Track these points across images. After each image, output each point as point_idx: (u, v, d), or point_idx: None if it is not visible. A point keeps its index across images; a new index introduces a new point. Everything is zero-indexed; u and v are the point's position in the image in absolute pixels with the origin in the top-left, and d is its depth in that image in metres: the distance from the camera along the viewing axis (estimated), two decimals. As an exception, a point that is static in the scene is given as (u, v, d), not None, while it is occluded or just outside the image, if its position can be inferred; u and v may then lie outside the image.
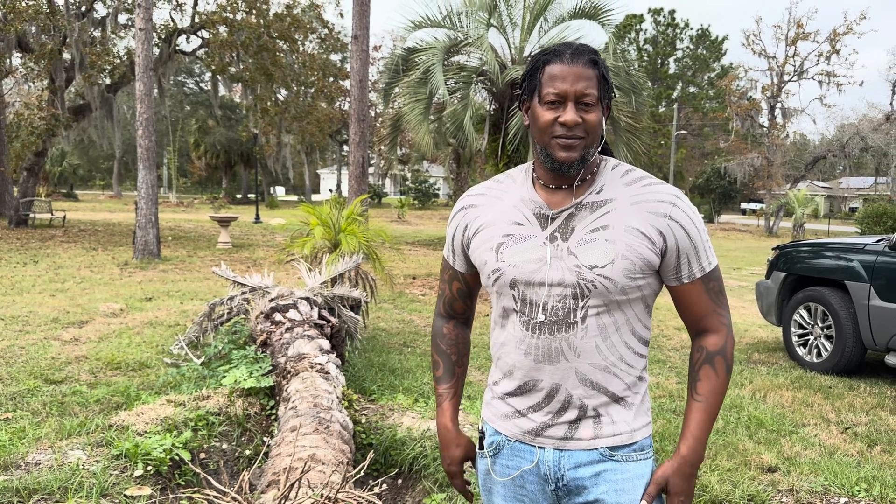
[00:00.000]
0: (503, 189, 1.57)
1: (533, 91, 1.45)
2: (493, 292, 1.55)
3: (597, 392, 1.47)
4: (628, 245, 1.42)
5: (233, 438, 3.82)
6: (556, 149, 1.41)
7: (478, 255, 1.55)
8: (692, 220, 1.46)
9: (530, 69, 1.46)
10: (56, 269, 11.96)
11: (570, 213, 1.47)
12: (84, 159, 54.22)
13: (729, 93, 37.72)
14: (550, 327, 1.45)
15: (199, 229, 21.96)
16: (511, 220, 1.51)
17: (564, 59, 1.40)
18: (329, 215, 6.48)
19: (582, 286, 1.42)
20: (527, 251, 1.47)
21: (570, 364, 1.46)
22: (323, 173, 63.25)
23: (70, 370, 5.40)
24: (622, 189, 1.47)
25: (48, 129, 18.76)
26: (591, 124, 1.40)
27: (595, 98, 1.40)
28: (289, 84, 22.37)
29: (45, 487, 2.96)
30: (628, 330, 1.48)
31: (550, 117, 1.41)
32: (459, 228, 1.62)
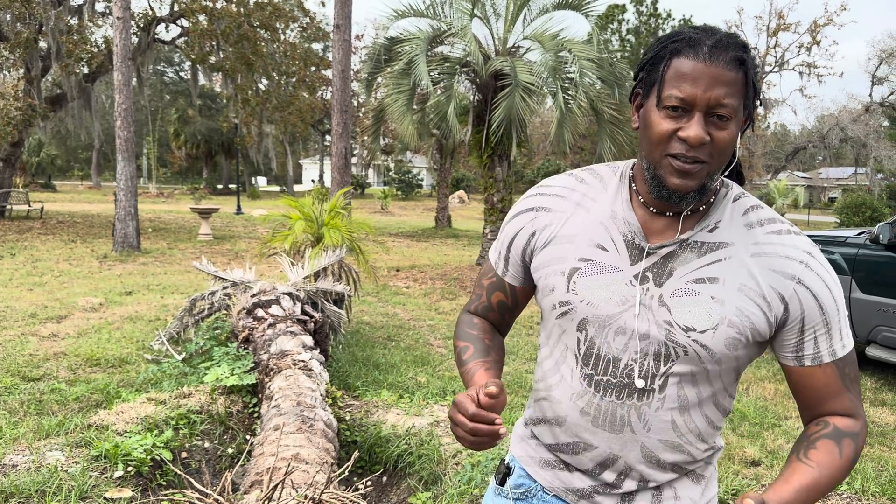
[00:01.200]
0: (588, 194, 1.23)
1: (651, 87, 1.10)
2: (551, 322, 1.25)
3: (662, 470, 1.20)
4: (739, 309, 1.10)
5: (215, 437, 3.78)
6: (669, 172, 1.07)
7: (543, 276, 1.22)
8: (829, 287, 1.12)
9: (652, 58, 1.12)
10: (34, 263, 11.79)
11: (672, 251, 1.13)
12: (62, 149, 53.46)
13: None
14: (619, 390, 1.15)
15: (179, 221, 21.74)
16: (594, 240, 1.18)
17: (700, 54, 1.04)
18: (311, 209, 6.42)
19: (669, 348, 1.12)
20: (608, 287, 1.15)
21: (635, 437, 1.16)
22: (305, 163, 62.88)
23: (48, 367, 5.31)
24: (742, 232, 1.14)
25: (24, 120, 18.43)
26: (721, 145, 1.06)
27: (733, 111, 1.05)
28: (270, 74, 22.14)
29: (22, 490, 2.90)
30: (712, 403, 1.18)
31: (668, 129, 1.06)
32: (524, 234, 1.26)
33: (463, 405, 1.08)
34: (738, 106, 1.06)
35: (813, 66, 34.23)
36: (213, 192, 45.57)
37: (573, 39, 10.64)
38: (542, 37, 10.77)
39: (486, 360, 1.27)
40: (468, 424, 1.06)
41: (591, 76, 10.67)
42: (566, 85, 10.61)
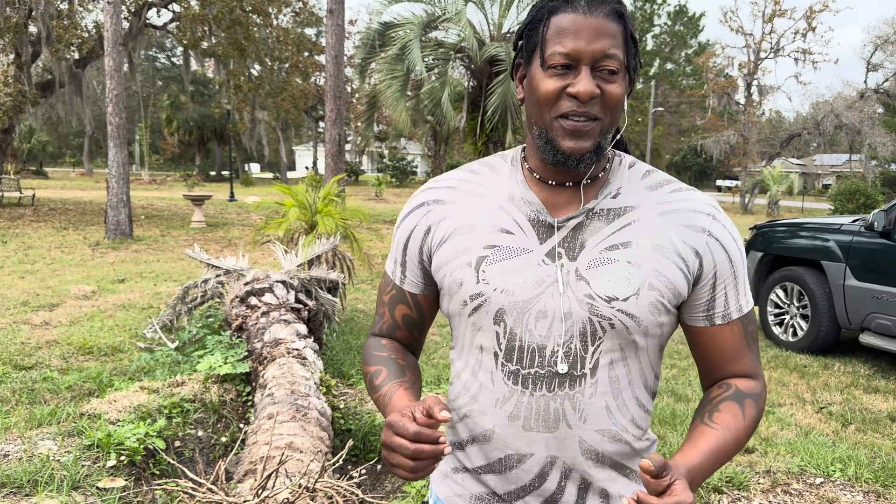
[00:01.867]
0: (482, 182, 1.16)
1: (532, 52, 1.05)
2: (463, 324, 1.14)
3: (603, 466, 1.11)
4: (657, 270, 1.06)
5: (208, 426, 3.76)
6: (561, 134, 1.02)
7: (447, 273, 1.12)
8: (734, 239, 1.11)
9: (529, 22, 1.07)
10: (25, 250, 11.71)
11: (580, 222, 1.08)
12: (53, 136, 53.08)
13: (706, 70, 37.83)
14: (549, 381, 1.06)
15: (172, 208, 21.64)
16: (496, 225, 1.10)
17: (578, 8, 1.00)
18: (305, 196, 6.38)
19: (595, 324, 1.05)
20: (521, 271, 1.07)
21: (572, 432, 1.07)
22: (299, 150, 62.60)
23: (41, 355, 5.28)
24: (645, 194, 1.11)
25: (15, 106, 18.26)
26: (612, 99, 1.01)
27: (620, 63, 1.01)
28: (262, 59, 21.98)
29: (14, 480, 2.88)
30: (640, 382, 1.12)
31: (556, 87, 1.01)
32: (418, 232, 1.17)
33: (400, 425, 0.95)
34: (623, 59, 1.03)
35: (808, 52, 34.18)
36: (206, 179, 45.36)
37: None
38: (536, 22, 10.71)
39: (402, 380, 1.15)
40: (409, 447, 0.93)
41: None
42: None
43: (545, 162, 1.09)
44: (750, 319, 1.15)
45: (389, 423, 0.97)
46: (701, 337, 1.14)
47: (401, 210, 1.24)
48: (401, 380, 1.15)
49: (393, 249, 1.24)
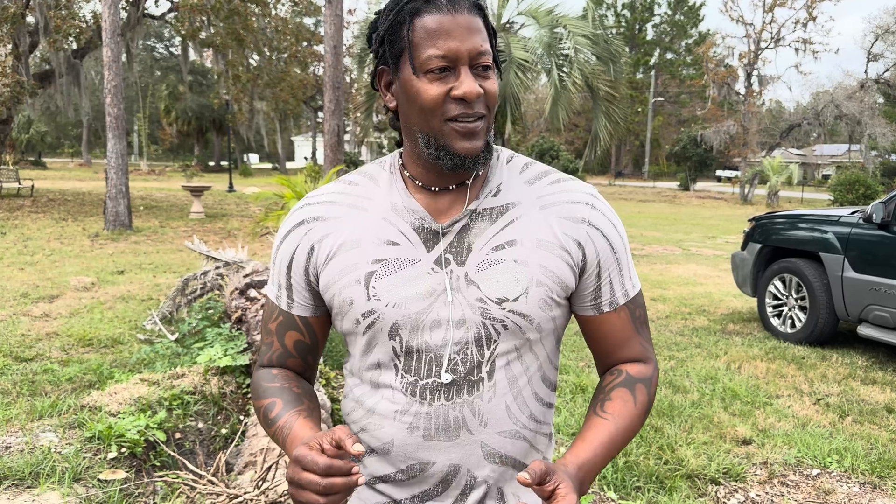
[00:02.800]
0: (362, 193, 1.12)
1: (399, 58, 1.01)
2: (358, 341, 1.11)
3: (506, 468, 1.11)
4: (543, 266, 1.06)
5: (209, 417, 3.78)
6: (454, 137, 1.00)
7: (336, 292, 1.08)
8: (615, 226, 1.11)
9: (389, 28, 1.02)
10: (25, 241, 11.72)
11: (464, 225, 1.07)
12: (52, 126, 52.99)
13: (706, 60, 37.73)
14: (447, 390, 1.05)
15: (171, 198, 21.63)
16: (382, 237, 1.07)
17: (442, 7, 0.98)
18: (304, 187, 6.38)
19: (488, 327, 1.04)
20: (410, 282, 1.05)
21: (473, 438, 1.07)
22: (298, 140, 62.49)
23: (41, 347, 5.30)
24: (524, 189, 1.10)
25: (13, 97, 18.20)
26: (493, 95, 1.02)
27: (491, 58, 1.01)
28: (261, 49, 21.91)
29: (15, 473, 2.90)
30: (539, 377, 1.13)
31: (439, 92, 0.98)
32: (301, 252, 1.11)
33: (308, 460, 0.89)
34: (492, 52, 1.02)
35: (809, 42, 34.10)
36: (205, 170, 45.31)
37: (568, 15, 10.55)
38: (536, 12, 10.67)
39: (300, 408, 1.08)
40: (320, 483, 0.87)
41: (586, 53, 10.59)
42: (561, 62, 10.53)
43: (428, 167, 1.06)
44: (637, 304, 1.14)
45: (296, 457, 0.90)
46: (591, 325, 1.14)
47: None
48: (298, 408, 1.08)
49: (275, 273, 1.17)
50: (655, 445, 3.71)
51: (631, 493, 3.24)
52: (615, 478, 3.33)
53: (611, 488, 3.25)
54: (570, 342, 5.94)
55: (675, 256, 12.70)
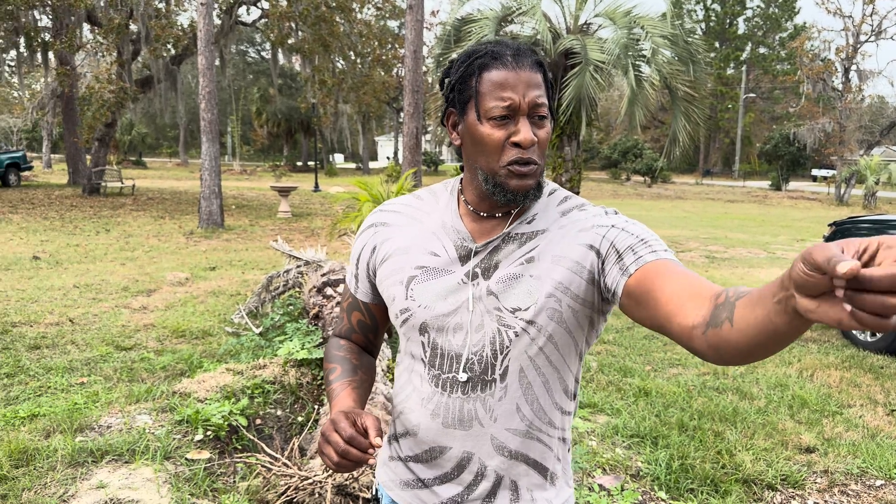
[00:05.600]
0: (423, 208, 1.32)
1: (466, 104, 1.17)
2: (400, 333, 1.31)
3: (515, 461, 1.23)
4: (554, 279, 1.16)
5: (286, 406, 4.07)
6: (510, 178, 1.15)
7: (385, 288, 1.29)
8: (630, 221, 1.18)
9: (460, 77, 1.18)
10: (126, 238, 12.56)
11: (496, 246, 1.22)
12: (151, 128, 55.98)
13: (801, 54, 36.18)
14: (464, 386, 1.21)
15: (261, 198, 22.56)
16: (427, 248, 1.25)
17: (507, 62, 1.13)
18: (379, 189, 6.65)
19: (503, 333, 1.18)
20: (442, 290, 1.22)
21: (484, 430, 1.21)
22: (381, 140, 63.69)
23: (139, 337, 5.76)
24: (556, 217, 1.23)
25: (117, 102, 19.47)
26: (545, 142, 1.17)
27: (547, 109, 1.16)
28: (346, 54, 22.55)
29: (115, 449, 3.25)
30: (555, 386, 1.23)
31: (500, 137, 1.14)
32: (367, 249, 1.34)
33: (340, 425, 1.11)
34: (548, 104, 1.16)
35: (913, 34, 32.16)
36: (293, 170, 46.82)
37: (646, 16, 10.44)
38: (614, 14, 10.61)
39: (352, 379, 1.32)
40: (341, 445, 1.09)
41: (664, 53, 10.46)
42: (638, 62, 10.44)
43: (481, 196, 1.23)
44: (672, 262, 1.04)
45: (333, 419, 1.13)
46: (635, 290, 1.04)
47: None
48: (351, 378, 1.31)
49: (351, 261, 1.39)
50: (714, 450, 3.75)
51: (683, 494, 3.31)
52: (668, 479, 3.40)
53: (662, 489, 3.33)
54: (637, 345, 5.97)
55: (759, 260, 12.36)
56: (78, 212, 16.58)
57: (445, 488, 1.26)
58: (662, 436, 3.93)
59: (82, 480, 2.99)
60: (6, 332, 5.73)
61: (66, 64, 21.10)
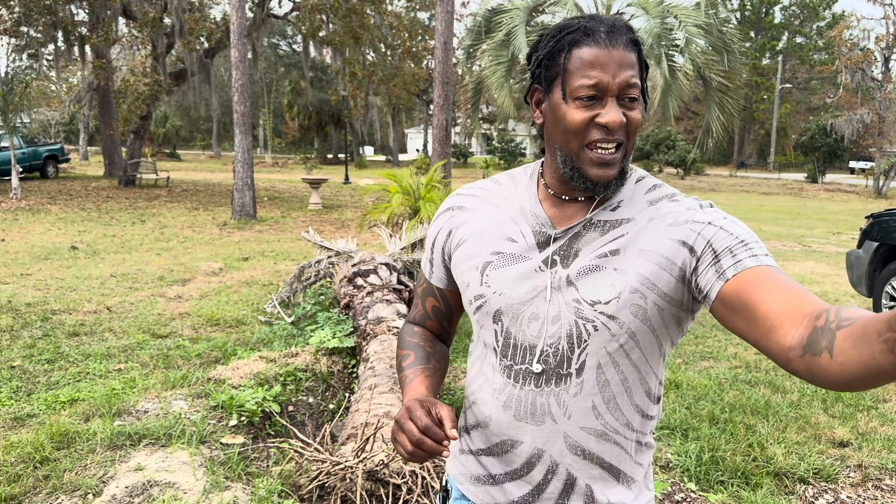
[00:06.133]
0: (501, 193, 1.26)
1: (552, 82, 1.11)
2: (473, 320, 1.26)
3: (589, 463, 1.16)
4: (640, 274, 1.09)
5: (318, 393, 4.13)
6: (589, 163, 1.08)
7: (460, 273, 1.24)
8: (726, 218, 1.09)
9: (548, 52, 1.11)
10: (161, 229, 12.78)
11: (577, 232, 1.15)
12: (185, 120, 56.72)
13: (839, 43, 35.36)
14: (537, 377, 1.14)
15: (292, 190, 22.77)
16: (504, 234, 1.20)
17: (600, 40, 1.05)
18: (409, 181, 6.69)
19: (580, 327, 1.11)
20: (518, 277, 1.16)
21: (557, 426, 1.14)
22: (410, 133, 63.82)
23: (174, 326, 5.88)
24: (644, 207, 1.15)
25: (152, 95, 19.78)
26: (635, 125, 1.09)
27: (639, 90, 1.08)
28: (376, 46, 22.61)
29: (152, 433, 3.34)
30: (636, 387, 1.16)
31: (584, 118, 1.06)
32: (442, 233, 1.29)
33: (416, 414, 1.06)
34: (641, 85, 1.09)
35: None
36: (324, 162, 47.13)
37: (680, 5, 10.32)
38: (646, 3, 10.50)
39: (426, 366, 1.27)
40: (416, 434, 1.04)
41: (698, 43, 10.33)
42: (671, 52, 10.33)
43: (561, 179, 1.16)
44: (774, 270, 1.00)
45: (408, 407, 1.08)
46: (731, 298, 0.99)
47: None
48: (424, 366, 1.27)
49: (427, 247, 1.36)
50: (745, 443, 3.72)
51: (713, 486, 3.29)
52: (698, 471, 3.39)
53: (692, 480, 3.32)
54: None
55: (794, 253, 12.16)
56: (114, 203, 16.91)
57: (515, 486, 1.20)
58: (693, 428, 3.91)
59: (121, 463, 3.08)
60: (46, 320, 5.89)
61: (102, 57, 21.49)
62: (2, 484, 2.88)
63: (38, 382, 4.37)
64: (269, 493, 2.83)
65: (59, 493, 2.84)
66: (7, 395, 4.11)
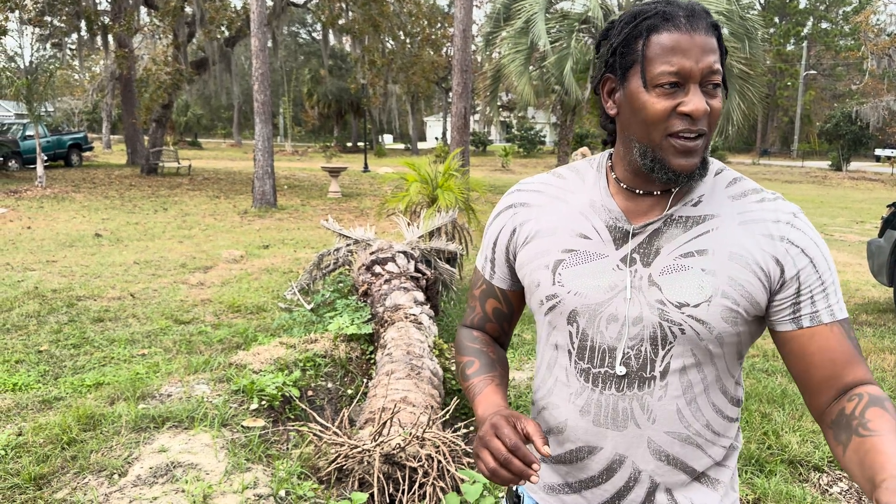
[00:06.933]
0: (566, 187, 1.20)
1: (628, 70, 1.05)
2: (540, 321, 1.21)
3: (673, 468, 1.12)
4: (732, 279, 1.05)
5: (336, 379, 4.20)
6: (672, 153, 1.03)
7: (528, 273, 1.19)
8: (818, 246, 1.07)
9: (624, 39, 1.05)
10: (183, 217, 12.94)
11: (657, 228, 1.09)
12: (206, 109, 57.10)
13: (865, 29, 34.73)
14: (619, 381, 1.10)
15: (312, 178, 22.89)
16: (575, 230, 1.14)
17: (680, 24, 1.00)
18: (427, 170, 6.72)
19: (665, 329, 1.07)
20: (594, 275, 1.11)
21: (641, 432, 1.10)
22: (429, 121, 63.75)
23: (196, 312, 5.98)
24: (727, 203, 1.10)
25: (173, 83, 19.96)
26: (717, 113, 1.04)
27: (721, 77, 1.04)
28: (396, 34, 22.60)
29: (175, 416, 3.42)
30: (718, 388, 1.12)
31: (666, 107, 1.01)
32: (505, 232, 1.24)
33: (504, 432, 1.00)
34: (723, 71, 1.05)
35: None
36: (343, 150, 47.26)
37: (701, -9, 10.22)
38: (667, -10, 10.42)
39: (493, 374, 1.21)
40: (503, 454, 0.98)
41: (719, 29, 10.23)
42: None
43: (635, 172, 1.10)
44: (849, 327, 1.07)
45: (494, 424, 1.02)
46: (795, 343, 1.07)
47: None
48: (491, 374, 1.21)
49: (484, 246, 1.30)
50: (760, 431, 3.74)
51: (727, 472, 3.31)
52: (713, 457, 3.41)
53: (707, 466, 3.34)
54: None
55: (815, 242, 12.04)
56: (137, 191, 17.12)
57: (594, 493, 1.16)
58: (708, 415, 3.92)
59: (145, 444, 3.16)
60: (72, 306, 6.02)
61: (124, 47, 21.69)
62: (31, 464, 2.97)
63: (65, 366, 4.49)
64: (288, 474, 2.90)
65: (86, 473, 2.93)
66: (35, 378, 4.22)
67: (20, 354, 4.68)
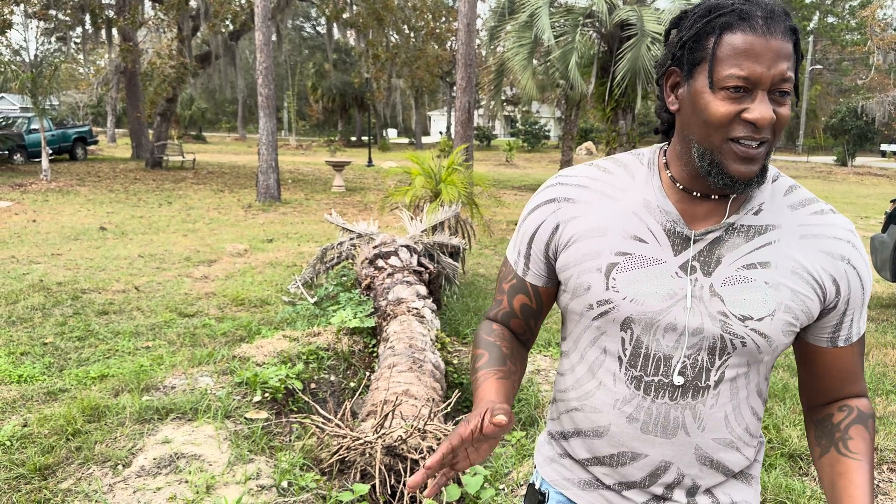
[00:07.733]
0: (614, 183, 1.13)
1: (695, 67, 1.00)
2: (583, 324, 1.15)
3: (715, 472, 1.13)
4: (795, 293, 1.05)
5: (339, 372, 4.22)
6: (732, 158, 0.98)
7: (574, 275, 1.12)
8: (867, 266, 1.10)
9: (695, 34, 1.00)
10: (188, 210, 12.97)
11: (718, 236, 1.06)
12: (211, 103, 57.10)
13: (872, 23, 34.58)
14: (672, 390, 1.08)
15: (316, 172, 22.91)
16: (629, 231, 1.09)
17: (756, 26, 0.95)
18: (431, 164, 6.73)
19: (726, 341, 1.05)
20: (651, 281, 1.06)
21: (689, 439, 1.09)
22: (433, 115, 63.67)
23: (200, 305, 6.01)
24: (787, 213, 1.08)
25: (178, 77, 20.00)
26: (784, 121, 0.99)
27: (792, 84, 0.98)
28: (400, 28, 22.57)
29: (179, 408, 3.45)
30: (755, 392, 1.13)
31: (731, 111, 0.96)
32: (546, 227, 1.16)
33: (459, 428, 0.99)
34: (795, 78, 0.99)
35: None
36: (347, 144, 47.25)
37: (706, -15, 10.20)
38: (671, -16, 10.39)
39: (501, 368, 1.16)
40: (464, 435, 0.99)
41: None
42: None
43: (694, 173, 1.05)
44: (863, 341, 1.15)
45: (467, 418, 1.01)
46: (821, 357, 1.12)
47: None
48: (498, 368, 1.16)
49: (517, 240, 1.22)
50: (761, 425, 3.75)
51: (728, 466, 3.33)
52: (713, 451, 3.42)
53: (707, 460, 3.36)
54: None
55: (819, 237, 12.02)
56: (141, 185, 17.17)
57: (634, 494, 1.15)
58: (709, 410, 3.94)
59: (149, 435, 3.19)
60: (77, 299, 6.06)
61: (128, 40, 21.72)
62: (37, 454, 3.00)
63: (70, 359, 4.52)
64: (291, 466, 2.93)
65: (91, 464, 2.96)
66: (40, 370, 4.26)
67: (25, 346, 4.71)
